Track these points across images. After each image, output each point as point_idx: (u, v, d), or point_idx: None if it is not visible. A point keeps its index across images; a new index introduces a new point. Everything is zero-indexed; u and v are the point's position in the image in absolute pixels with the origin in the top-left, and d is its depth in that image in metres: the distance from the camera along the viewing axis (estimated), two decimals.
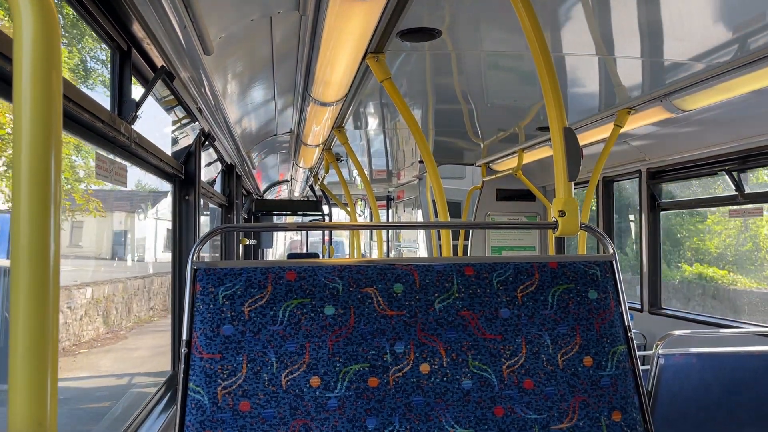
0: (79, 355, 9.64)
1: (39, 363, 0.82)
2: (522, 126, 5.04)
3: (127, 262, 15.83)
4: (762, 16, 2.55)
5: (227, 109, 3.88)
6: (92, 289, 10.47)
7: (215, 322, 1.74)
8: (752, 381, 2.81)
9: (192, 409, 1.68)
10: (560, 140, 2.05)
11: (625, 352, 1.92)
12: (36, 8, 0.83)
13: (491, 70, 3.56)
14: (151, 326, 13.09)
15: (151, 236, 17.77)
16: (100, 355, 10.16)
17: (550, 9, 2.58)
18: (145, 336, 12.49)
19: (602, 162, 4.23)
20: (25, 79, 0.82)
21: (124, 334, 11.65)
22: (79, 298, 9.86)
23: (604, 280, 1.97)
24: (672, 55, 3.08)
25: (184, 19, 2.14)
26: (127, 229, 16.07)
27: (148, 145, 2.68)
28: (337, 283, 1.83)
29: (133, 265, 15.88)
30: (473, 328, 1.86)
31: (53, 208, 0.84)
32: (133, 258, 16.58)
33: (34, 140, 0.82)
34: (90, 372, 9.66)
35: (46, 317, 0.83)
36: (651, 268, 5.34)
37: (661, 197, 5.32)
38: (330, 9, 2.28)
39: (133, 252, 16.78)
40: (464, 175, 8.58)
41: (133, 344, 11.67)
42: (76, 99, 1.80)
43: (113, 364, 10.40)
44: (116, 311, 11.54)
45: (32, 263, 0.82)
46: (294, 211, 10.91)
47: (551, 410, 1.83)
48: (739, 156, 4.24)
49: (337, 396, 1.73)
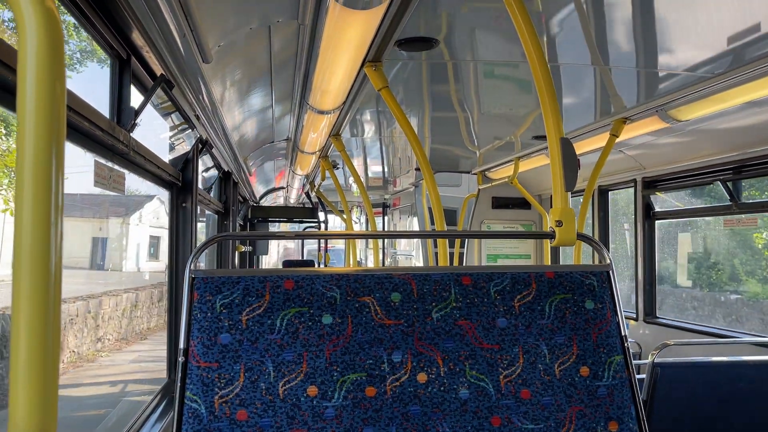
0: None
1: (40, 369, 0.82)
2: (518, 134, 5.07)
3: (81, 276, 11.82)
4: (756, 27, 2.57)
5: (225, 116, 3.90)
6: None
7: (213, 330, 1.74)
8: (747, 390, 2.83)
9: (189, 418, 1.68)
10: (557, 150, 2.06)
11: (621, 362, 1.93)
12: (40, 19, 0.83)
13: (488, 79, 3.58)
14: (94, 367, 9.10)
15: (130, 243, 14.87)
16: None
17: (547, 19, 2.61)
18: (82, 386, 8.37)
19: (598, 171, 4.25)
20: (29, 89, 0.83)
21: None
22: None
23: (601, 290, 1.98)
24: (667, 65, 3.11)
25: (183, 28, 2.15)
26: (95, 235, 12.97)
27: (146, 152, 2.68)
28: (334, 292, 1.83)
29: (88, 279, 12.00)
30: (470, 337, 1.86)
31: (55, 216, 0.85)
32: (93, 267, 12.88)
33: (38, 150, 0.83)
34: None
35: (47, 324, 0.83)
36: (646, 277, 5.36)
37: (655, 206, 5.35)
38: (328, 18, 2.30)
39: (97, 260, 13.23)
40: (460, 183, 8.60)
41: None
42: (76, 107, 1.81)
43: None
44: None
45: (34, 269, 0.83)
46: (290, 218, 10.89)
47: (548, 420, 1.83)
48: (734, 166, 4.27)
49: (334, 405, 1.74)
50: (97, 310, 9.72)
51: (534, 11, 2.49)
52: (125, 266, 15.07)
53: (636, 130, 4.21)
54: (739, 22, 2.53)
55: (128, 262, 15.27)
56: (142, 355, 11.00)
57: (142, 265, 15.72)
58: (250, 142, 5.57)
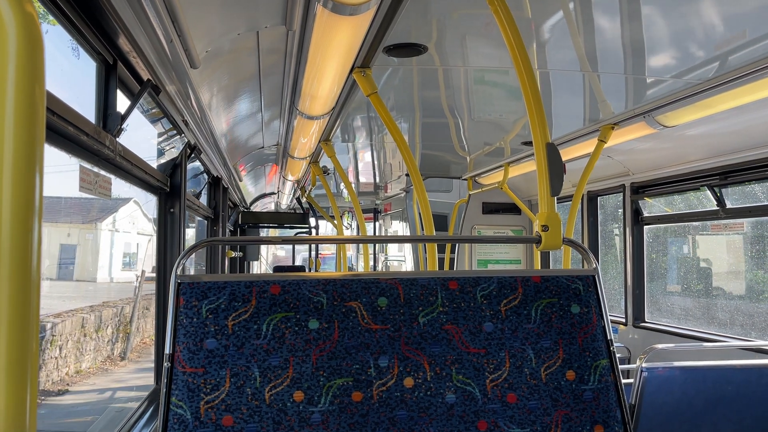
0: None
1: (19, 374, 0.82)
2: (507, 140, 5.09)
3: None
4: (742, 34, 2.60)
5: (213, 121, 3.89)
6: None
7: (198, 335, 1.73)
8: (734, 394, 2.84)
9: (174, 424, 1.67)
10: (543, 156, 2.07)
11: (607, 366, 1.93)
12: (19, 21, 0.83)
13: (477, 85, 3.59)
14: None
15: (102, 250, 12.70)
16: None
17: (536, 26, 2.62)
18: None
19: (586, 177, 4.27)
20: (8, 93, 0.83)
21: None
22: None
23: (587, 294, 1.98)
24: (655, 71, 3.13)
25: (170, 33, 2.14)
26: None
27: (133, 158, 2.67)
28: (321, 296, 1.83)
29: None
30: (457, 341, 1.86)
31: (36, 221, 0.84)
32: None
33: (17, 155, 0.82)
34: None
35: (28, 329, 0.82)
36: (635, 281, 5.38)
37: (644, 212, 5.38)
38: (317, 24, 2.30)
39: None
40: (451, 189, 8.62)
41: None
42: (60, 112, 1.80)
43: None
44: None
45: (13, 275, 0.82)
46: (281, 224, 10.87)
47: (534, 424, 1.83)
48: (721, 171, 4.30)
49: (320, 410, 1.73)
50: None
51: (523, 18, 2.51)
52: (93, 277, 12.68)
53: (624, 136, 4.23)
54: (726, 29, 2.55)
55: (101, 272, 13.64)
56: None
57: (115, 276, 13.46)
58: (239, 147, 5.55)
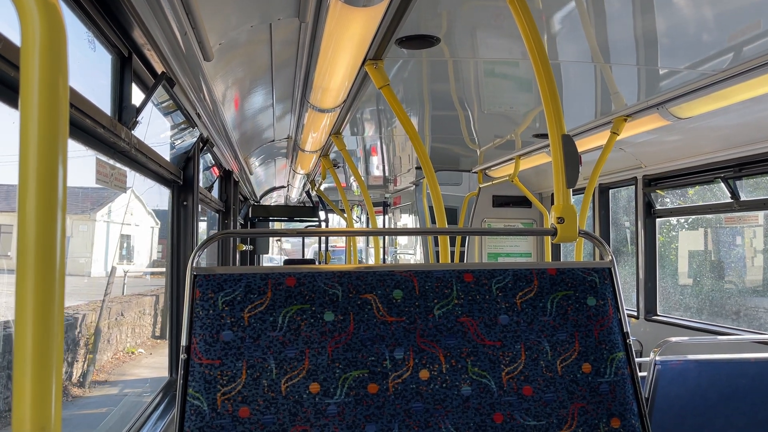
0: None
1: (44, 366, 0.82)
2: (519, 133, 5.07)
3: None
4: (757, 24, 2.57)
5: (225, 114, 3.89)
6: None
7: (215, 327, 1.74)
8: (748, 387, 2.83)
9: (191, 415, 1.68)
10: (559, 147, 2.06)
11: (623, 358, 1.93)
12: (44, 15, 0.83)
13: (488, 77, 3.58)
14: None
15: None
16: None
17: (547, 17, 2.60)
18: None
19: (599, 169, 4.25)
20: (32, 87, 0.83)
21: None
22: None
23: (603, 286, 1.98)
24: (668, 63, 3.10)
25: (184, 25, 2.14)
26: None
27: (148, 150, 2.68)
28: (336, 289, 1.83)
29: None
30: (472, 334, 1.86)
31: (60, 214, 0.85)
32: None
33: (42, 148, 0.83)
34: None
35: (52, 321, 0.83)
36: (647, 275, 5.36)
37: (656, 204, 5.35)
38: (330, 16, 2.30)
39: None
40: (461, 182, 8.60)
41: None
42: (78, 105, 1.81)
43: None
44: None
45: (38, 268, 0.83)
46: (291, 217, 10.89)
47: (550, 417, 1.83)
48: (735, 164, 4.26)
49: (336, 402, 1.74)
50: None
51: (535, 8, 2.49)
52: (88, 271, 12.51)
53: (637, 128, 4.20)
54: (741, 19, 2.52)
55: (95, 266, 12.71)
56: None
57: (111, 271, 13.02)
58: (250, 140, 5.56)
